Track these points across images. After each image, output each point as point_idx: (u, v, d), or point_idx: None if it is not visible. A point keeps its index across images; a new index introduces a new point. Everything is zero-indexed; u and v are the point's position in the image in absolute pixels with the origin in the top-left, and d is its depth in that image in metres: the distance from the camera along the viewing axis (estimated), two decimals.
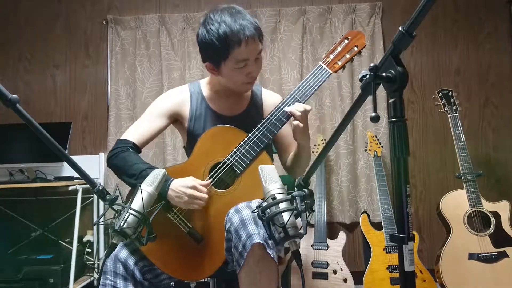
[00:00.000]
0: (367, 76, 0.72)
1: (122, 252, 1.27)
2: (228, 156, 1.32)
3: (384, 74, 0.71)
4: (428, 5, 0.64)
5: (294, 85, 2.80)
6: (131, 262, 1.26)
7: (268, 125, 1.35)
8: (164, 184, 1.24)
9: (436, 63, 2.93)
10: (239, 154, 1.32)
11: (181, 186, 1.24)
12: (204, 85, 1.54)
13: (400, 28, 0.68)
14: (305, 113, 1.33)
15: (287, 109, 1.35)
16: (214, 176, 1.32)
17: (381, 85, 0.73)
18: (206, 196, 1.26)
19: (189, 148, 1.49)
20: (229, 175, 1.34)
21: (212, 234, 1.28)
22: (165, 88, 2.85)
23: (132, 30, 2.94)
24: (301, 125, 1.33)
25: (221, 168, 1.32)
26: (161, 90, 2.87)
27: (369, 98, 0.74)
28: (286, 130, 1.47)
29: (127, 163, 1.32)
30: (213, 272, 1.28)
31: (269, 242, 1.11)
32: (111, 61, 2.93)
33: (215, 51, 1.31)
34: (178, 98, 1.49)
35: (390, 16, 2.91)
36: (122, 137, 1.42)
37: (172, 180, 1.27)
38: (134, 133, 1.42)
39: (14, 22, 3.05)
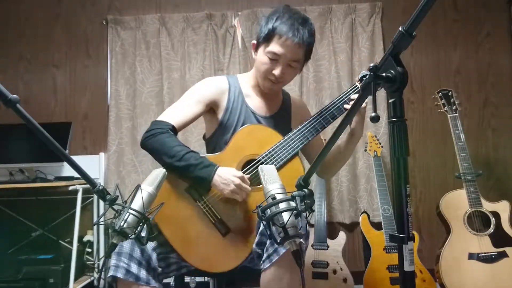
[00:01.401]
0: (367, 76, 0.72)
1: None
2: (263, 154, 1.35)
3: (384, 74, 0.71)
4: (428, 5, 0.64)
5: (294, 85, 2.81)
6: (149, 246, 1.25)
7: (304, 130, 1.40)
8: (207, 169, 1.26)
9: (436, 63, 2.93)
10: (274, 154, 1.35)
11: (229, 174, 1.26)
12: (242, 80, 1.55)
13: (400, 28, 0.68)
14: (363, 109, 1.41)
15: (346, 106, 1.42)
16: (247, 172, 1.34)
17: (381, 85, 0.73)
18: (250, 188, 1.27)
19: (214, 139, 1.49)
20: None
21: (238, 228, 1.30)
22: (165, 88, 2.85)
23: (132, 30, 2.94)
24: (362, 112, 1.40)
25: (255, 165, 1.34)
26: (161, 90, 2.87)
27: (369, 98, 0.74)
28: (316, 139, 1.50)
29: (167, 144, 1.30)
30: (234, 267, 1.28)
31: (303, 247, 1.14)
32: (111, 61, 2.93)
33: (263, 33, 1.40)
34: (219, 87, 1.49)
35: (390, 16, 2.91)
36: (159, 119, 1.40)
37: (218, 166, 1.28)
38: (172, 116, 1.40)
39: (14, 22, 3.05)
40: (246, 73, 1.60)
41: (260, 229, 1.21)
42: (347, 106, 1.42)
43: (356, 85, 1.46)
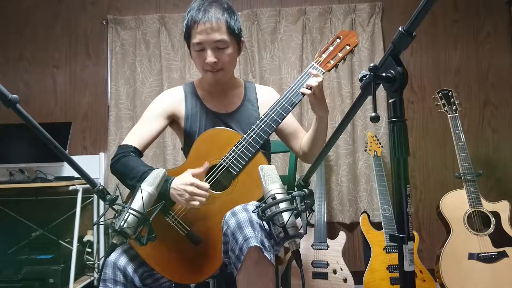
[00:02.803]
0: (367, 76, 0.72)
1: (120, 260, 1.26)
2: (224, 158, 1.32)
3: (384, 74, 0.71)
4: (428, 5, 0.64)
5: None
6: (130, 269, 1.26)
7: (262, 125, 1.35)
8: (165, 184, 1.24)
9: (436, 63, 2.93)
10: (235, 156, 1.32)
11: (180, 183, 1.24)
12: (198, 84, 1.55)
13: (400, 28, 0.68)
14: (320, 84, 1.33)
15: (302, 90, 1.35)
16: (210, 178, 1.32)
17: (381, 85, 0.73)
18: (207, 193, 1.24)
19: (186, 149, 1.49)
20: (225, 177, 1.34)
21: (210, 236, 1.28)
22: (165, 88, 2.85)
23: (132, 30, 2.94)
24: (317, 94, 1.33)
25: (217, 170, 1.32)
26: (161, 90, 2.87)
27: (369, 98, 0.74)
28: (288, 120, 1.47)
29: (128, 167, 1.32)
30: (212, 274, 1.27)
31: (266, 244, 1.11)
32: (111, 61, 2.93)
33: (184, 31, 1.43)
34: (173, 98, 1.51)
35: (390, 16, 2.91)
36: (122, 143, 1.42)
37: (173, 178, 1.26)
38: (134, 137, 1.42)
39: (14, 22, 3.05)
40: (201, 76, 1.56)
41: (222, 238, 1.18)
42: (304, 90, 1.34)
43: (312, 64, 1.41)
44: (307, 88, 1.33)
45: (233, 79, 1.55)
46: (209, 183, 1.31)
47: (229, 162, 1.31)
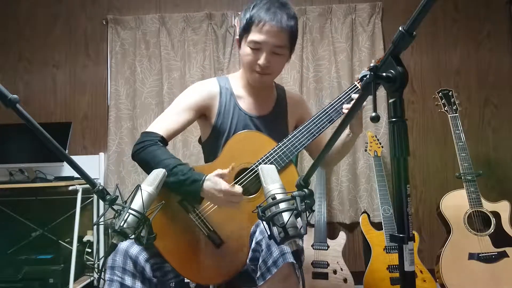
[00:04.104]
0: (367, 76, 0.72)
1: (133, 248, 1.23)
2: (256, 163, 1.30)
3: (384, 74, 0.71)
4: (428, 5, 0.64)
5: (294, 85, 2.81)
6: (142, 258, 1.23)
7: (299, 136, 1.34)
8: (195, 184, 1.21)
9: (436, 63, 2.93)
10: (268, 162, 1.29)
11: (215, 187, 1.21)
12: (233, 81, 1.51)
13: (400, 28, 0.68)
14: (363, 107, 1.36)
15: (345, 106, 1.37)
16: (240, 182, 1.30)
17: (381, 85, 0.73)
18: (241, 197, 1.21)
19: (209, 143, 1.47)
20: (254, 183, 1.31)
21: (232, 239, 1.27)
22: (165, 88, 2.85)
23: (132, 30, 2.94)
24: (359, 115, 1.37)
25: (248, 174, 1.30)
26: (161, 90, 2.87)
27: (369, 98, 0.74)
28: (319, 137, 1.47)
29: (156, 157, 1.27)
30: (230, 278, 1.26)
31: (298, 263, 1.12)
32: (111, 61, 2.93)
33: (242, 23, 1.37)
34: (208, 92, 1.46)
35: (390, 16, 2.91)
36: (148, 130, 1.37)
37: (205, 179, 1.22)
38: (161, 126, 1.37)
39: (14, 22, 3.05)
40: (237, 72, 1.55)
41: (252, 246, 1.18)
42: (346, 106, 1.36)
43: (356, 85, 1.40)
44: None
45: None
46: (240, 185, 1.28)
47: None
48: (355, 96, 1.36)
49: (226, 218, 1.28)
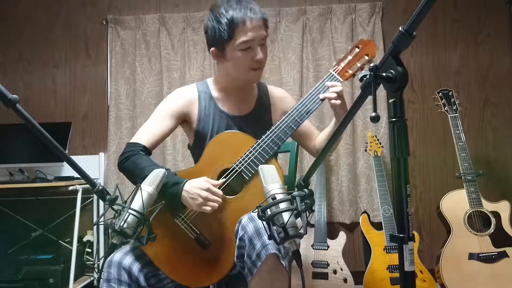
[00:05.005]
0: (367, 76, 0.72)
1: (126, 259, 1.25)
2: (237, 162, 1.30)
3: (384, 74, 0.71)
4: (428, 5, 0.64)
5: (294, 85, 2.81)
6: (135, 268, 1.25)
7: (277, 131, 1.33)
8: (176, 186, 1.23)
9: (436, 63, 2.93)
10: (248, 161, 1.29)
11: (195, 187, 1.23)
12: (212, 84, 1.52)
13: (400, 28, 0.68)
14: (339, 93, 1.34)
15: (321, 95, 1.34)
16: (222, 182, 1.30)
17: (381, 85, 0.73)
18: (220, 199, 1.23)
19: (196, 148, 1.48)
20: (237, 182, 1.32)
21: (219, 240, 1.27)
22: (165, 88, 2.85)
23: (132, 30, 2.94)
24: (339, 102, 1.33)
25: (230, 174, 1.30)
26: (161, 90, 2.87)
27: (369, 98, 0.74)
28: (303, 123, 1.45)
29: (138, 166, 1.30)
30: (221, 279, 1.26)
31: (282, 252, 1.11)
32: (111, 61, 2.93)
33: (221, 32, 1.32)
34: (187, 98, 1.47)
35: (390, 16, 2.91)
36: (131, 141, 1.40)
37: (186, 180, 1.25)
38: (143, 136, 1.40)
39: (14, 22, 3.05)
40: (215, 76, 1.55)
41: (236, 243, 1.18)
42: (322, 96, 1.34)
43: (331, 73, 1.38)
44: (329, 100, 1.33)
45: None
46: (223, 184, 1.29)
47: (242, 167, 1.29)
48: (328, 83, 1.34)
49: (211, 219, 1.28)
